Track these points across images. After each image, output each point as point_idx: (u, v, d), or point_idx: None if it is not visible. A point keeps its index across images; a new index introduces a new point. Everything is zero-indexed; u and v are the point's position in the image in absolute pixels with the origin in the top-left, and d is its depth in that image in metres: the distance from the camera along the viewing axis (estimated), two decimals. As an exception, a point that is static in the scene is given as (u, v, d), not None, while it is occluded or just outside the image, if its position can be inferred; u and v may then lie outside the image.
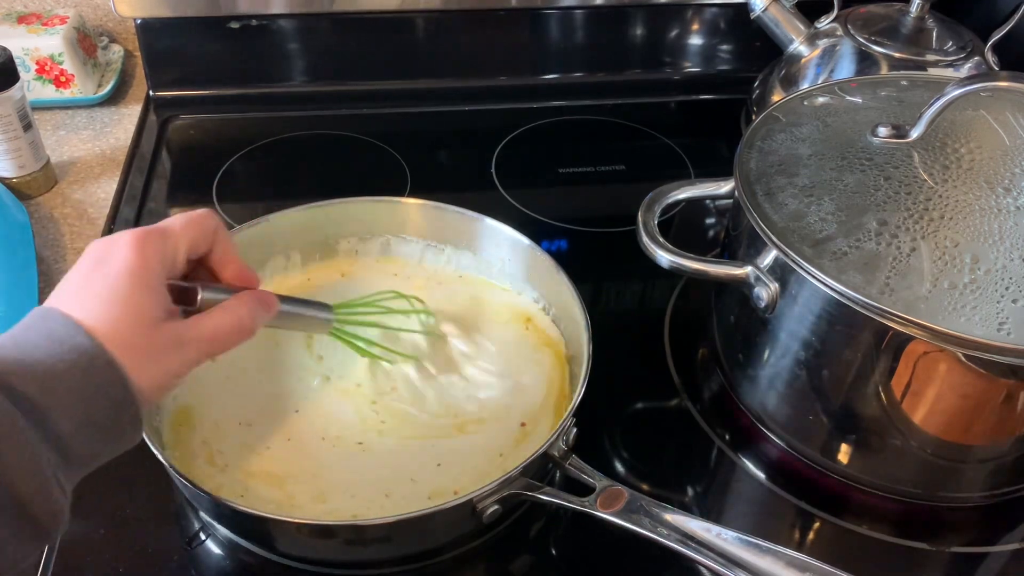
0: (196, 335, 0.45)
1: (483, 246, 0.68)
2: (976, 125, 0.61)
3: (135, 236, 0.44)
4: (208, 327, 0.46)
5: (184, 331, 0.44)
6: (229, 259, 0.49)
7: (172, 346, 0.43)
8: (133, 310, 0.42)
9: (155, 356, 0.42)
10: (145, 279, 0.43)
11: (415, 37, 0.96)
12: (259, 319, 0.49)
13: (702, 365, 0.69)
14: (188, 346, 0.44)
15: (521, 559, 0.56)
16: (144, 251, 0.43)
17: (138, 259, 0.43)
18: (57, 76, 0.89)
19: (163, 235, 0.45)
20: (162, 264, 0.44)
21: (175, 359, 0.44)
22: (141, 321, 0.42)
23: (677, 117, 1.03)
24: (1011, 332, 0.48)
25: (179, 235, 0.46)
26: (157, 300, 0.43)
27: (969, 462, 0.58)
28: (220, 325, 0.46)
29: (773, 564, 0.46)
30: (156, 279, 0.44)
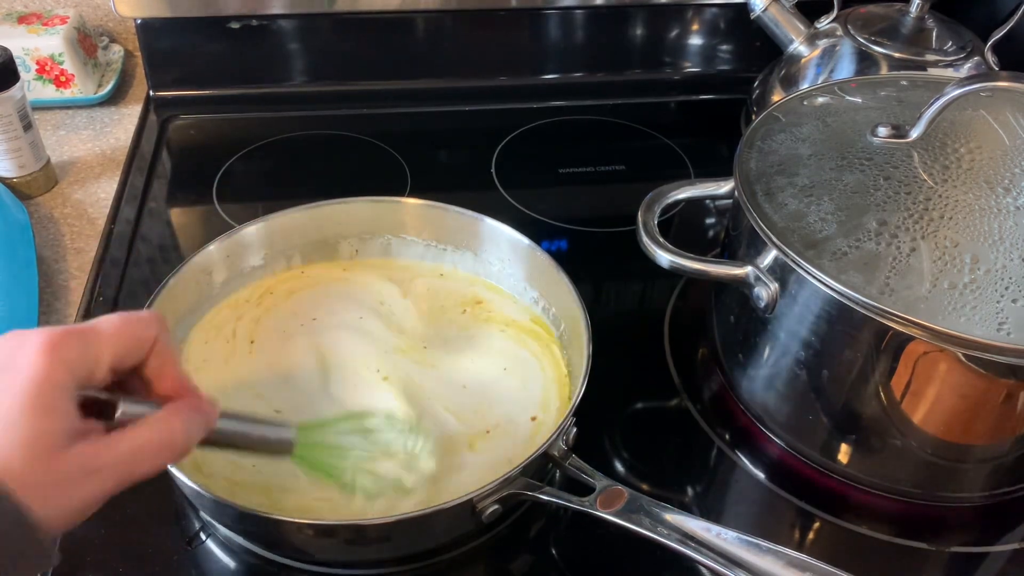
0: (111, 459, 0.38)
1: (483, 246, 0.68)
2: (976, 125, 0.61)
3: (48, 341, 0.37)
4: (126, 448, 0.38)
5: (95, 456, 0.37)
6: (167, 371, 0.42)
7: (81, 475, 0.37)
8: (32, 438, 0.36)
9: (61, 488, 0.36)
10: (51, 395, 0.37)
11: (415, 37, 0.96)
12: (194, 433, 0.41)
13: (702, 365, 0.69)
14: (103, 473, 0.37)
15: (521, 559, 0.56)
16: (53, 360, 0.37)
17: (45, 371, 0.36)
18: (57, 76, 0.89)
19: (84, 340, 0.38)
20: (74, 376, 0.38)
21: (86, 488, 0.37)
22: (42, 450, 0.36)
23: (677, 117, 1.03)
24: (1011, 332, 0.48)
25: (104, 342, 0.39)
26: (60, 424, 0.37)
27: (969, 462, 0.58)
28: (143, 444, 0.39)
29: (773, 564, 0.46)
30: (63, 396, 0.37)
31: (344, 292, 0.67)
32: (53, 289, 0.71)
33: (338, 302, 0.66)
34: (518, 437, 0.57)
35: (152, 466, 0.40)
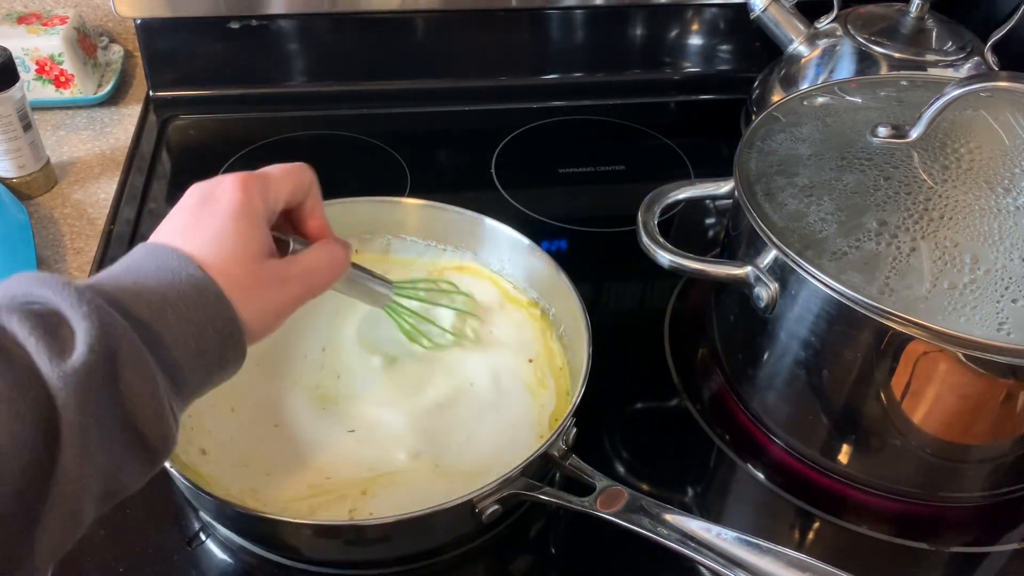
0: (298, 271, 0.46)
1: (483, 246, 0.68)
2: (976, 125, 0.61)
3: (240, 177, 0.44)
4: (307, 263, 0.47)
5: (286, 268, 0.45)
6: (317, 211, 0.50)
7: (276, 282, 0.44)
8: (240, 247, 0.43)
9: (260, 291, 0.43)
10: (251, 218, 0.44)
11: (415, 37, 0.96)
12: (348, 258, 0.51)
13: (702, 365, 0.69)
14: (291, 282, 0.45)
15: (521, 559, 0.56)
16: (249, 191, 0.44)
17: (244, 198, 0.44)
18: (57, 76, 0.89)
19: (266, 179, 0.46)
20: (266, 206, 0.45)
21: (279, 295, 0.45)
22: (248, 257, 0.43)
23: (677, 117, 1.03)
24: (1011, 332, 0.48)
25: (280, 182, 0.47)
26: (262, 238, 0.44)
27: (969, 462, 0.58)
28: (318, 261, 0.48)
29: (773, 564, 0.46)
30: (260, 218, 0.45)
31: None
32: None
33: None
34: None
35: (327, 278, 0.48)
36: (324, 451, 0.56)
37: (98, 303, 0.36)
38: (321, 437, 0.56)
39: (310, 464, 0.55)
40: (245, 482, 0.53)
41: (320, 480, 0.54)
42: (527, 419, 0.59)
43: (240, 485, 0.53)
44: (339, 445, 0.56)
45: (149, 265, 0.41)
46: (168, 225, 0.44)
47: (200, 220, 0.43)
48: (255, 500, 0.52)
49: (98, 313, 0.36)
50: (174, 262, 0.41)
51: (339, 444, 0.56)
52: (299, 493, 0.53)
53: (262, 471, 0.54)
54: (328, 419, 0.57)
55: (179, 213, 0.44)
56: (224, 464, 0.54)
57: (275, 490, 0.53)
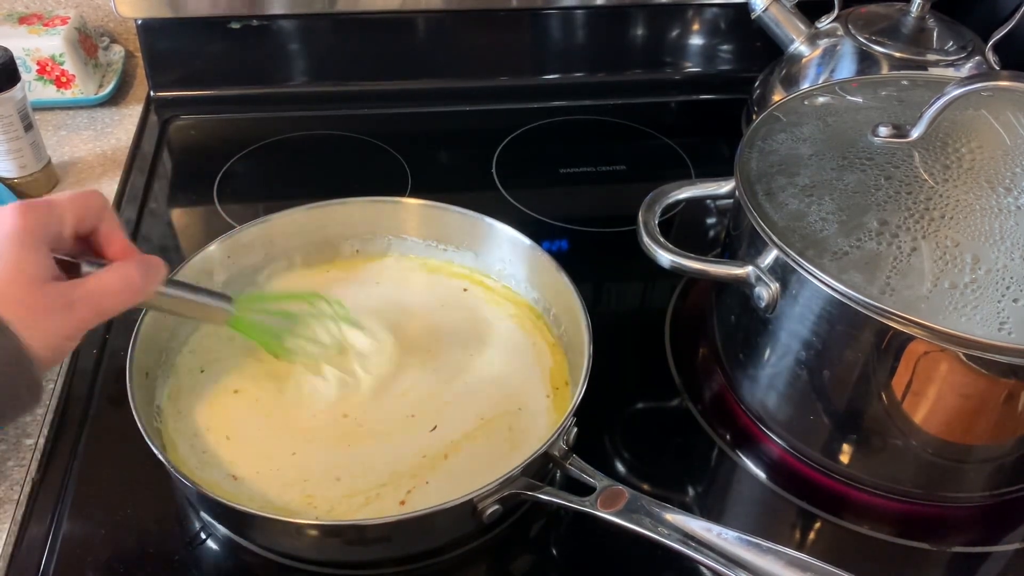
0: (84, 293, 0.44)
1: (484, 246, 0.68)
2: (977, 125, 0.61)
3: (20, 205, 0.44)
4: (95, 285, 0.45)
5: (70, 290, 0.44)
6: (115, 236, 0.49)
7: (61, 306, 0.43)
8: (17, 269, 0.42)
9: (44, 316, 0.42)
10: (30, 243, 0.43)
11: (415, 37, 0.96)
12: (149, 279, 0.49)
13: (702, 365, 0.69)
14: (77, 305, 0.44)
15: (521, 559, 0.56)
16: (27, 217, 0.43)
17: (21, 223, 0.43)
18: (58, 77, 0.89)
19: (48, 205, 0.45)
20: (46, 231, 0.44)
21: (65, 319, 0.43)
22: (27, 280, 0.42)
23: (677, 117, 1.03)
24: (1012, 332, 0.48)
25: (64, 207, 0.46)
26: (41, 261, 0.43)
27: (970, 462, 0.58)
28: (108, 283, 0.46)
29: (773, 564, 0.46)
30: (40, 242, 0.44)
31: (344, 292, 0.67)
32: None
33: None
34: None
35: (118, 302, 0.46)
36: (354, 452, 0.56)
37: None
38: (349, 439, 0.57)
39: (345, 468, 0.55)
40: (291, 497, 0.53)
41: (357, 480, 0.54)
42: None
43: (286, 500, 0.53)
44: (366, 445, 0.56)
45: None
46: None
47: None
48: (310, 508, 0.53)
49: None
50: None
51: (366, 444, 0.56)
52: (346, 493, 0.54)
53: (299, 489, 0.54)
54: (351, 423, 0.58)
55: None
56: (260, 488, 0.54)
57: (322, 498, 0.53)
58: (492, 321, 0.65)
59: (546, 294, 0.65)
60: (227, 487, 0.53)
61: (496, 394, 0.60)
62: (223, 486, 0.53)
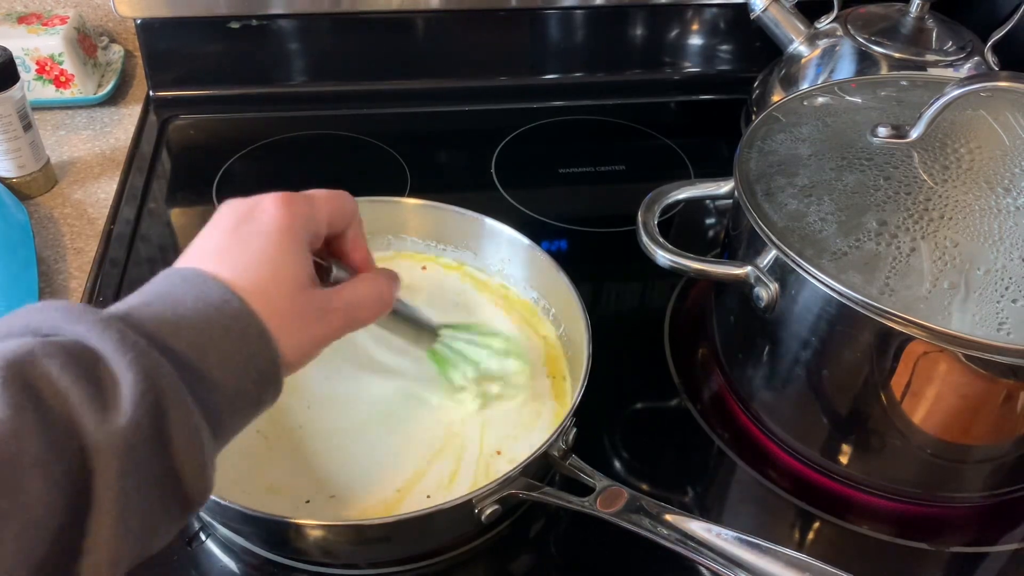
0: (340, 303, 0.43)
1: (483, 246, 0.68)
2: (976, 125, 0.61)
3: (282, 197, 0.42)
4: (352, 296, 0.44)
5: (328, 299, 0.42)
6: (360, 243, 0.47)
7: (318, 313, 0.41)
8: (283, 273, 0.40)
9: (301, 323, 0.40)
10: (294, 241, 0.41)
11: (415, 37, 0.96)
12: (394, 292, 0.48)
13: (702, 365, 0.69)
14: (333, 314, 0.42)
15: (521, 559, 0.56)
16: (292, 211, 0.41)
17: (287, 218, 0.41)
18: (57, 76, 0.89)
19: (309, 201, 0.43)
20: (307, 229, 0.42)
21: (320, 327, 0.41)
22: (290, 286, 0.40)
23: (677, 117, 1.03)
24: (1011, 332, 0.48)
25: (323, 206, 0.44)
26: (305, 264, 0.41)
27: (969, 462, 0.58)
28: (364, 295, 0.45)
29: (773, 564, 0.46)
30: (303, 242, 0.42)
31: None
32: (53, 289, 0.71)
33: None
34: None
35: (370, 313, 0.46)
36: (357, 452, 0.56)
37: (142, 347, 0.33)
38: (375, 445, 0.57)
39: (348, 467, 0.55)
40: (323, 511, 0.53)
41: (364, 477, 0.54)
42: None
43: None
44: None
45: (187, 295, 0.37)
46: (201, 245, 0.41)
47: (238, 241, 0.40)
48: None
49: (143, 360, 0.33)
50: (214, 293, 0.37)
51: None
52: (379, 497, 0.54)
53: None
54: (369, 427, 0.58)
55: (214, 232, 0.41)
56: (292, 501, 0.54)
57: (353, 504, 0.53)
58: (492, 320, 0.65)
59: (545, 294, 0.65)
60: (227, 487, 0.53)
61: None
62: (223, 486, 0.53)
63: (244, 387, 0.37)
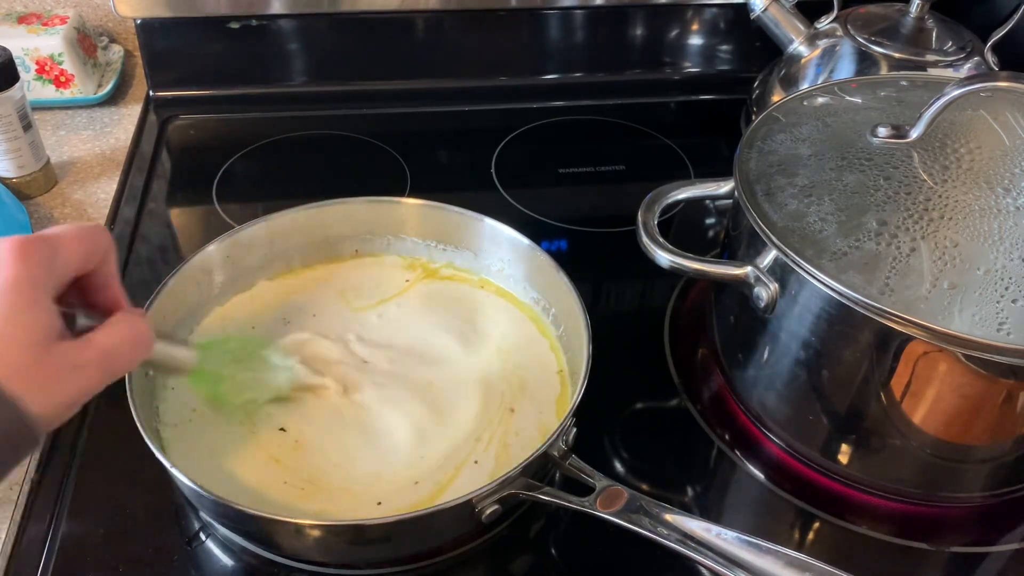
0: (93, 355, 0.40)
1: (483, 246, 0.68)
2: (976, 125, 0.61)
3: (18, 246, 0.38)
4: (105, 344, 0.41)
5: (79, 351, 0.39)
6: (113, 281, 0.44)
7: (68, 369, 0.38)
8: (21, 331, 0.37)
9: (51, 382, 0.38)
10: (32, 295, 0.37)
11: (415, 37, 0.96)
12: (151, 333, 0.44)
13: (702, 365, 0.69)
14: (87, 368, 0.39)
15: (521, 559, 0.56)
16: (29, 261, 0.38)
17: (23, 271, 0.37)
18: (57, 76, 0.89)
19: (51, 245, 0.39)
20: (49, 279, 0.39)
21: (74, 381, 0.39)
22: (31, 343, 0.37)
23: (677, 117, 1.03)
24: (1011, 332, 0.48)
25: (70, 246, 0.40)
26: (47, 319, 0.38)
27: (969, 462, 0.58)
28: (119, 341, 0.41)
29: (773, 564, 0.46)
30: (45, 294, 0.38)
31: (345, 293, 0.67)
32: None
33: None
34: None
35: (128, 361, 0.43)
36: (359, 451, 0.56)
37: None
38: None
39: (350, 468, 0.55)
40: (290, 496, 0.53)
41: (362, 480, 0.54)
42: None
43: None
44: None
45: None
46: None
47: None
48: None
49: None
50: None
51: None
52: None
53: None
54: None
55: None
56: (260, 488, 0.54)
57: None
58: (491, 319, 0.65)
59: (545, 294, 0.65)
60: (227, 487, 0.53)
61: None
62: (223, 486, 0.53)
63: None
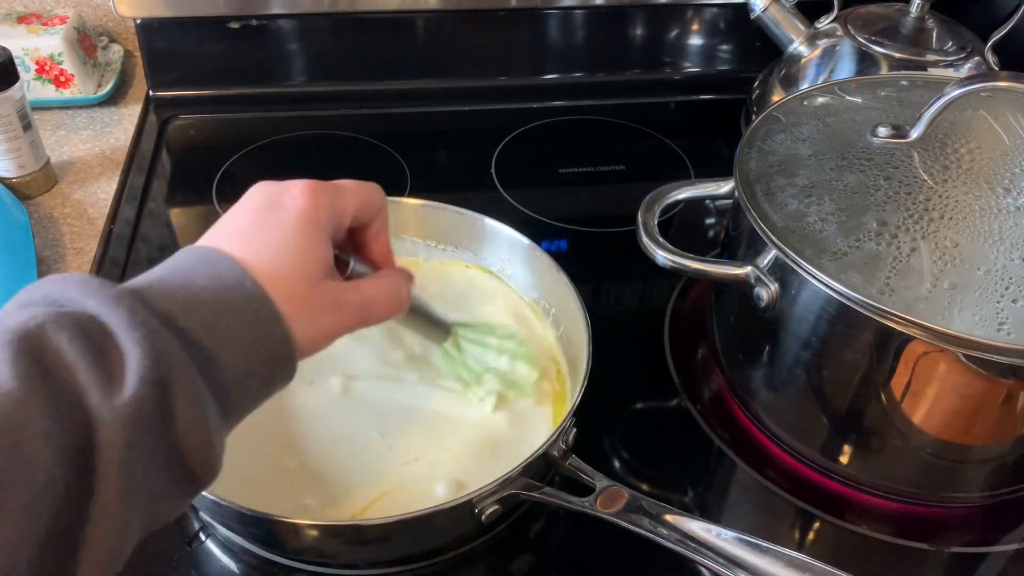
0: (355, 298, 0.43)
1: (483, 246, 0.68)
2: (976, 125, 0.61)
3: (310, 185, 0.42)
4: (368, 293, 0.44)
5: (344, 292, 0.42)
6: (384, 238, 0.47)
7: (332, 306, 0.41)
8: (302, 262, 0.40)
9: (315, 313, 0.40)
10: (317, 231, 0.41)
11: (415, 37, 0.96)
12: (410, 294, 0.48)
13: (702, 365, 0.69)
14: (347, 308, 0.42)
15: (521, 559, 0.56)
16: (318, 201, 0.41)
17: (312, 208, 0.41)
18: (57, 76, 0.89)
19: (336, 191, 0.43)
20: (331, 219, 0.42)
21: (333, 319, 0.42)
22: (308, 275, 0.40)
23: (677, 117, 1.03)
24: (1011, 332, 0.48)
25: (350, 197, 0.44)
26: (324, 255, 0.41)
27: (969, 462, 0.58)
28: (379, 292, 0.45)
29: (773, 564, 0.46)
30: (326, 233, 0.42)
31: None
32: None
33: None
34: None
35: (385, 312, 0.45)
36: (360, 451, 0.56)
37: (151, 325, 0.34)
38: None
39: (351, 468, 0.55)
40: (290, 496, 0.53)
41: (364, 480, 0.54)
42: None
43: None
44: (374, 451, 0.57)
45: (202, 274, 0.37)
46: (226, 225, 0.41)
47: (262, 226, 0.40)
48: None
49: (152, 338, 0.33)
50: (230, 274, 0.38)
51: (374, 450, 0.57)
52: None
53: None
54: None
55: (240, 213, 0.42)
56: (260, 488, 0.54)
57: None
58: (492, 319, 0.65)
59: (545, 294, 0.65)
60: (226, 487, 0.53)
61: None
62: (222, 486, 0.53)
63: (254, 368, 0.37)
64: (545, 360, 0.62)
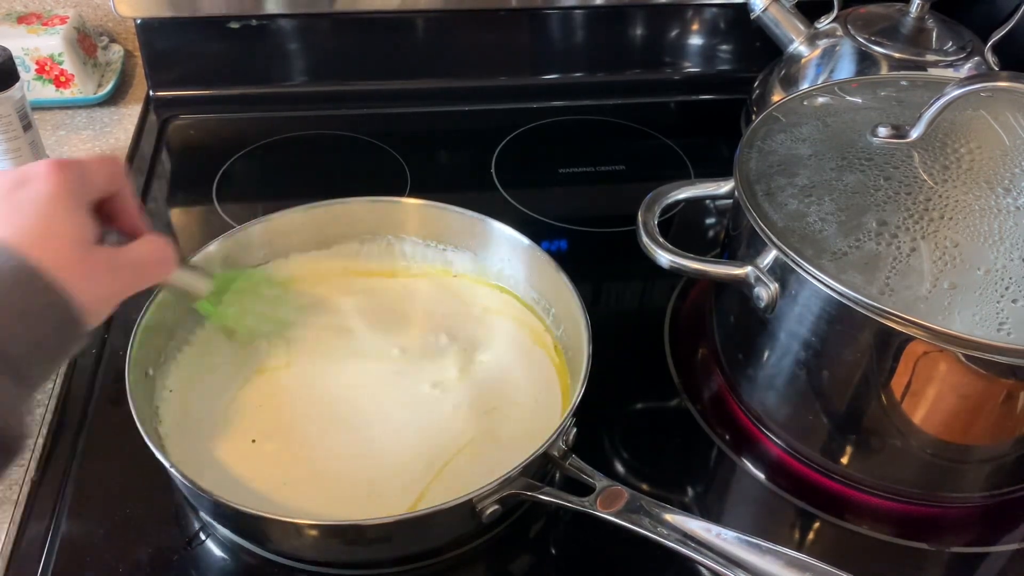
0: (127, 260, 0.45)
1: (483, 246, 0.68)
2: (976, 125, 0.61)
3: (53, 163, 0.43)
4: (138, 254, 0.46)
5: (116, 256, 0.44)
6: (131, 207, 0.48)
7: (107, 268, 0.43)
8: (67, 231, 0.41)
9: (94, 276, 0.42)
10: (73, 201, 0.42)
11: (415, 37, 0.96)
12: (176, 255, 0.50)
13: (702, 365, 0.69)
14: (122, 271, 0.44)
15: (521, 559, 0.56)
16: (65, 176, 0.42)
17: (62, 182, 0.42)
18: (57, 76, 0.89)
19: (80, 166, 0.44)
20: (82, 192, 0.43)
21: (111, 281, 0.44)
22: (76, 242, 0.42)
23: (677, 117, 1.03)
24: (1011, 332, 0.48)
25: (95, 170, 0.45)
26: (87, 222, 0.43)
27: (969, 462, 0.58)
28: (148, 255, 0.47)
29: (773, 564, 0.46)
30: (82, 204, 0.43)
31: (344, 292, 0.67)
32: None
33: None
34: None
35: (156, 273, 0.48)
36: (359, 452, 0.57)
37: None
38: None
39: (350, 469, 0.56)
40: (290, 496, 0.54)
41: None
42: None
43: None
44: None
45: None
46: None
47: (15, 208, 0.41)
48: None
49: None
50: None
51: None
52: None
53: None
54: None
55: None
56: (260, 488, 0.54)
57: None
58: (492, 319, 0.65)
59: (546, 294, 0.65)
60: (227, 487, 0.53)
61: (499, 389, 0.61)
62: (223, 486, 0.53)
63: (41, 339, 0.40)
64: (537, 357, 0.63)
